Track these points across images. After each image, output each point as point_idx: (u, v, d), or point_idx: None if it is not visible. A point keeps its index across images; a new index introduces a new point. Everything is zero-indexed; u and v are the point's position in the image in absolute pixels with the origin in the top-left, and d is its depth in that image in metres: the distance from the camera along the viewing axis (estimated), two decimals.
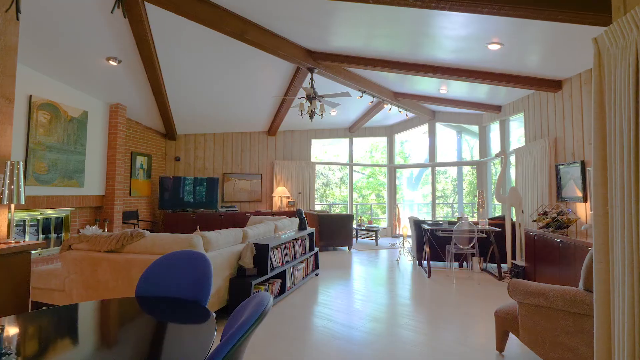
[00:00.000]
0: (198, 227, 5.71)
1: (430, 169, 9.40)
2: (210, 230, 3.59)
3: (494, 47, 4.06)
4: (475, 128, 9.54)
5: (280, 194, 8.71)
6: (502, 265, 5.65)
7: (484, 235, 5.16)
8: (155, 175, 8.00)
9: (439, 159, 9.38)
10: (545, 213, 4.38)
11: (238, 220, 8.07)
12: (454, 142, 11.99)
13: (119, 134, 6.41)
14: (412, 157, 15.65)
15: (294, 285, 4.37)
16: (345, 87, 6.51)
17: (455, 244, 5.01)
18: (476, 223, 5.30)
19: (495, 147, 8.29)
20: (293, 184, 9.18)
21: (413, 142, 15.39)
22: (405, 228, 9.58)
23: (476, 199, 14.38)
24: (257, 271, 3.62)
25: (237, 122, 8.32)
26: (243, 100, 7.09)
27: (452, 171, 15.16)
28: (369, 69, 5.36)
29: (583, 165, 4.37)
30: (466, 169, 13.69)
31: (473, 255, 5.46)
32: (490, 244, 5.60)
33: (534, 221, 4.52)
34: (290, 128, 9.30)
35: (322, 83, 6.42)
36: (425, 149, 15.03)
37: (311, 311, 3.69)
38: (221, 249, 3.51)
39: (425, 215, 13.86)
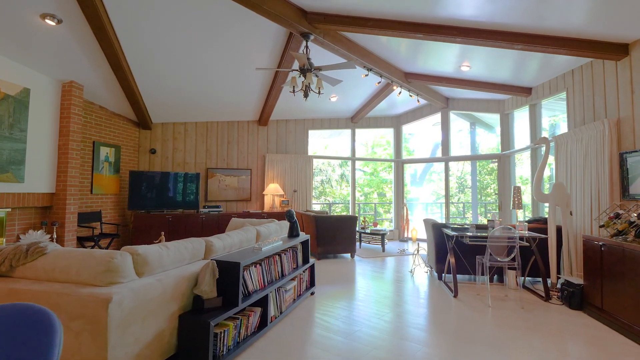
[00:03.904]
0: (162, 233, 4.58)
1: (440, 164, 8.26)
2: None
3: None
4: (490, 119, 8.43)
5: (273, 192, 7.59)
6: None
7: (526, 243, 4.05)
8: (125, 170, 6.87)
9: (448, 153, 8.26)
10: (617, 216, 3.27)
11: (222, 222, 6.95)
12: (465, 135, 10.88)
13: (73, 119, 5.28)
14: (416, 152, 14.54)
15: (281, 313, 3.25)
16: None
17: (490, 254, 3.90)
18: (513, 227, 4.18)
19: (519, 137, 7.18)
20: (287, 180, 8.06)
21: (419, 136, 14.29)
22: (415, 231, 8.47)
23: (485, 197, 13.27)
24: (222, 301, 2.51)
25: (222, 109, 7.19)
26: (227, 81, 5.96)
27: (455, 168, 14.06)
28: (377, 33, 4.25)
29: None
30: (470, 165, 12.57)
31: (512, 268, 4.35)
32: (528, 254, 4.49)
33: (601, 226, 3.41)
34: (284, 117, 8.18)
35: (320, 57, 5.30)
36: (432, 143, 13.88)
37: (302, 356, 2.58)
38: (168, 270, 2.39)
39: (432, 215, 12.76)
